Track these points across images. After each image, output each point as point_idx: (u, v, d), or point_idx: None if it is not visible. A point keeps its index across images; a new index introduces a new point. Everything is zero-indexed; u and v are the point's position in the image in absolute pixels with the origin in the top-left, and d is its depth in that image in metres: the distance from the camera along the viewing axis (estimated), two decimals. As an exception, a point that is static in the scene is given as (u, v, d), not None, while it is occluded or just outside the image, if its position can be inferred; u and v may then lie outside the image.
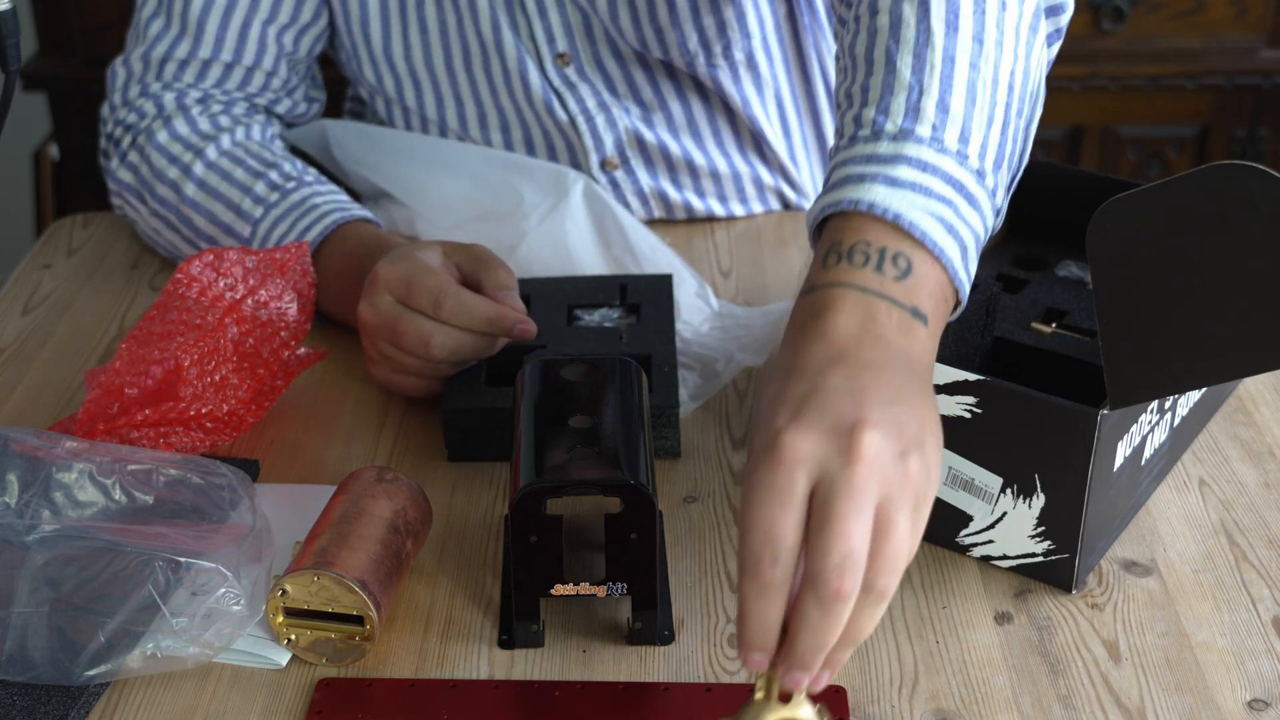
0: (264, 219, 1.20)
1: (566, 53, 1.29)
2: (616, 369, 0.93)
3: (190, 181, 1.23)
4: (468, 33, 1.28)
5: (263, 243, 1.20)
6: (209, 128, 1.26)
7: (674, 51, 1.27)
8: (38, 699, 0.82)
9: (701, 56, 1.28)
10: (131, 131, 1.28)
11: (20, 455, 0.91)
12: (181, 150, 1.25)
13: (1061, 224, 1.16)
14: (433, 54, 1.30)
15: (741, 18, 1.27)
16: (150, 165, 1.26)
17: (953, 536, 0.94)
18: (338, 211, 1.18)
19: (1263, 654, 0.87)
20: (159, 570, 0.83)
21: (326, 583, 0.84)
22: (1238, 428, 1.07)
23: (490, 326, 1.03)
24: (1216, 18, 2.14)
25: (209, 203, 1.22)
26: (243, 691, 0.85)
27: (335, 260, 1.16)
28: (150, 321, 1.05)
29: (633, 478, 0.83)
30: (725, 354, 1.13)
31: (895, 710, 0.83)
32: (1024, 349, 1.03)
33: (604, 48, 1.29)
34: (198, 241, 1.24)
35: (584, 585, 0.86)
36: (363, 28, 1.30)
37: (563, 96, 1.30)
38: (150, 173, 1.26)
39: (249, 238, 1.20)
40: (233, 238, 1.21)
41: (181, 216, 1.24)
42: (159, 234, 1.28)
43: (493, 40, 1.28)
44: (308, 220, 1.18)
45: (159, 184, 1.25)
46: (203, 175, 1.23)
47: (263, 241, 1.20)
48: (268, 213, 1.20)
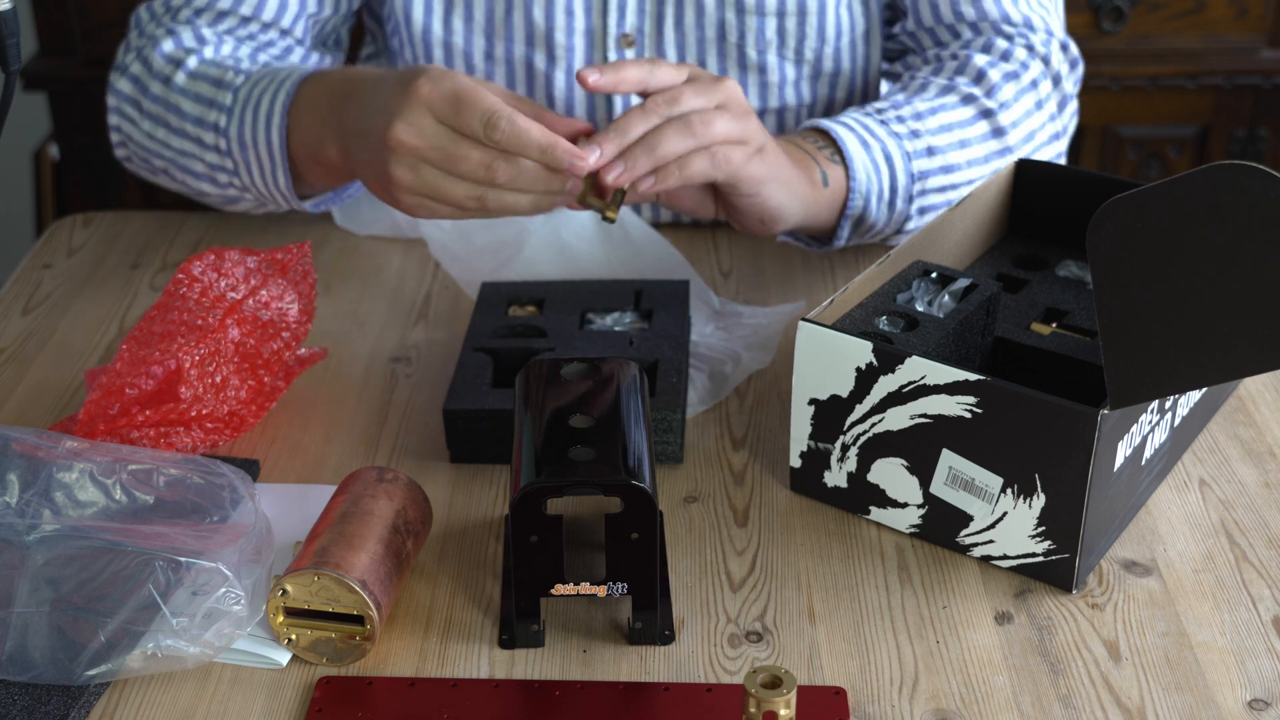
0: (244, 84, 1.19)
1: (633, 34, 1.28)
2: (617, 369, 0.93)
3: (182, 71, 1.23)
4: (515, 22, 1.28)
5: (244, 106, 1.18)
6: (212, 41, 1.26)
7: (750, 37, 1.28)
8: (38, 699, 0.82)
9: (775, 47, 1.29)
10: (139, 50, 1.28)
11: (21, 455, 0.91)
12: (181, 53, 1.25)
13: (1061, 224, 1.16)
14: (474, 41, 1.29)
15: (823, 16, 1.29)
16: (149, 67, 1.25)
17: (953, 536, 0.94)
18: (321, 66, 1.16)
19: (1263, 654, 0.87)
20: (159, 570, 0.83)
21: (327, 582, 0.84)
22: (1238, 428, 1.07)
23: (543, 156, 0.99)
24: (1216, 18, 2.14)
25: (195, 85, 1.22)
26: (243, 691, 0.85)
27: (321, 90, 1.13)
28: (150, 321, 1.05)
29: (633, 478, 0.83)
30: (733, 355, 1.13)
31: (895, 710, 0.83)
32: (1024, 349, 1.03)
33: (671, 32, 1.28)
34: (185, 127, 1.23)
35: (584, 585, 0.86)
36: (405, 7, 1.29)
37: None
38: (147, 73, 1.25)
39: (230, 105, 1.19)
40: (215, 109, 1.20)
41: (169, 105, 1.23)
42: (150, 138, 1.26)
43: (544, 28, 1.27)
44: (286, 72, 1.17)
45: (153, 81, 1.25)
46: (195, 67, 1.23)
47: (244, 104, 1.18)
48: (249, 78, 1.19)
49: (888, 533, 0.97)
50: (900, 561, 0.94)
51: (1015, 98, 1.25)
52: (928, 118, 1.22)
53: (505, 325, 1.11)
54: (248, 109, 1.19)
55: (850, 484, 0.97)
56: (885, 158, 1.19)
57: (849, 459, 0.96)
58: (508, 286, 1.17)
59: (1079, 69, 1.33)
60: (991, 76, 1.25)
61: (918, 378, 0.91)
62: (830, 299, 0.98)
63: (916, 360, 0.90)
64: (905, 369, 0.91)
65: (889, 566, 0.94)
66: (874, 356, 0.92)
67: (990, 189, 1.14)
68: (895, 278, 1.03)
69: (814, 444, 0.97)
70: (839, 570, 0.93)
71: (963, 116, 1.24)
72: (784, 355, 1.14)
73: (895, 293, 1.02)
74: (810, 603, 0.91)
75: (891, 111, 1.22)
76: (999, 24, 1.29)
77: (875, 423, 0.94)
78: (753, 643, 0.88)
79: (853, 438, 0.95)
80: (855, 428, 0.95)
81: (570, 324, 1.11)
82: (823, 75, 1.33)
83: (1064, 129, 1.31)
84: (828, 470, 0.97)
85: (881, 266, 1.02)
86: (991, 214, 1.16)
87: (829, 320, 0.97)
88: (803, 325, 0.95)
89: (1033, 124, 1.27)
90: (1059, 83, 1.30)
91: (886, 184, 1.20)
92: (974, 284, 1.03)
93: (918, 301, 1.02)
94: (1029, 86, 1.27)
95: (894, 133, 1.20)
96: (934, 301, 1.02)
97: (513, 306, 1.15)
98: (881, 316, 0.99)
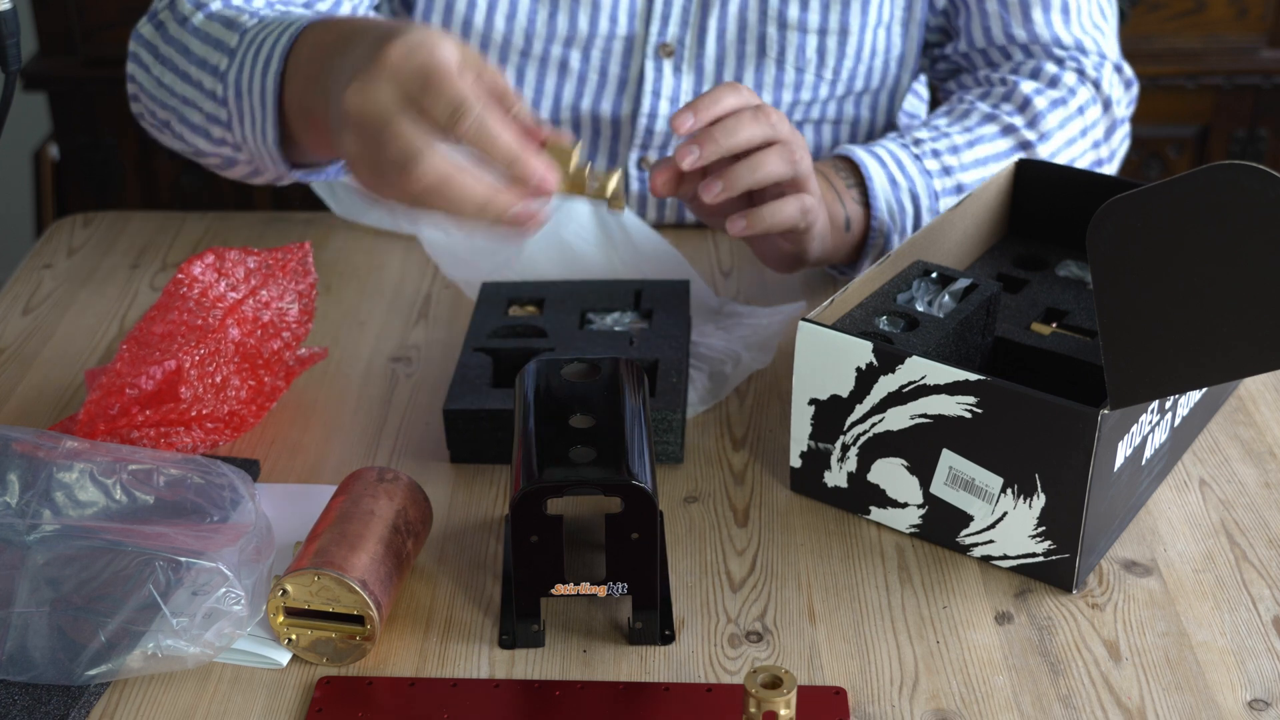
0: (254, 26, 1.09)
1: (673, 45, 1.28)
2: (617, 369, 0.93)
3: (201, 12, 1.15)
4: (559, 24, 1.27)
5: (247, 49, 1.09)
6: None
7: (790, 53, 1.28)
8: (38, 699, 0.82)
9: (814, 66, 1.29)
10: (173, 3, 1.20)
11: (21, 455, 0.91)
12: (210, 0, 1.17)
13: (1061, 224, 1.16)
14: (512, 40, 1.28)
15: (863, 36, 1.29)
16: (174, 9, 1.17)
17: (953, 536, 0.94)
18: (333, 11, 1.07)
19: (1263, 654, 0.87)
20: (159, 570, 0.83)
21: (327, 582, 0.84)
22: (1238, 428, 1.07)
23: (509, 164, 0.86)
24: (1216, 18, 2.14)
25: (209, 25, 1.13)
26: (243, 691, 0.85)
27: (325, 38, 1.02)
28: (150, 321, 1.05)
29: (633, 478, 0.83)
30: (733, 355, 1.13)
31: (895, 710, 0.83)
32: (1024, 349, 1.03)
33: (712, 45, 1.28)
34: (189, 70, 1.14)
35: (584, 585, 0.86)
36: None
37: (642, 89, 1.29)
38: (170, 16, 1.18)
39: (234, 48, 1.09)
40: (220, 52, 1.11)
41: (180, 45, 1.15)
42: (159, 83, 1.17)
43: (586, 33, 1.27)
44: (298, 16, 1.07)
45: (172, 23, 1.17)
46: (217, 8, 1.15)
47: (247, 48, 1.09)
48: (261, 21, 1.10)
49: (888, 533, 0.97)
50: (900, 561, 0.94)
51: (1059, 126, 1.26)
52: (964, 151, 1.23)
53: (505, 325, 1.11)
54: (249, 53, 1.08)
55: (850, 484, 0.97)
56: (911, 197, 1.20)
57: (849, 459, 0.96)
58: (508, 286, 1.17)
59: (1133, 90, 1.33)
60: (1036, 104, 1.25)
61: (918, 378, 0.91)
62: (830, 299, 0.98)
63: (917, 360, 0.90)
64: (905, 369, 0.91)
65: (889, 566, 0.94)
66: (874, 356, 0.92)
67: (990, 189, 1.14)
68: (895, 278, 1.03)
69: (814, 444, 0.97)
70: (839, 570, 0.93)
71: (999, 149, 1.24)
72: (784, 355, 1.14)
73: (895, 293, 1.02)
74: (810, 603, 0.91)
75: (929, 144, 1.23)
76: (1050, 47, 1.29)
77: (875, 423, 0.94)
78: (753, 643, 0.88)
79: (853, 438, 0.95)
80: (855, 428, 0.95)
81: (570, 324, 1.11)
82: (852, 93, 1.33)
83: (1110, 154, 1.31)
84: (828, 470, 0.97)
85: (881, 266, 1.02)
86: (991, 214, 1.16)
87: (829, 320, 0.97)
88: (803, 325, 0.95)
89: (1073, 152, 1.27)
90: (1109, 107, 1.30)
91: (910, 223, 1.21)
92: (974, 284, 1.03)
93: (918, 301, 1.02)
94: (1075, 114, 1.27)
95: (925, 170, 1.21)
96: (934, 301, 1.02)
97: (513, 306, 1.15)
98: (882, 316, 0.99)
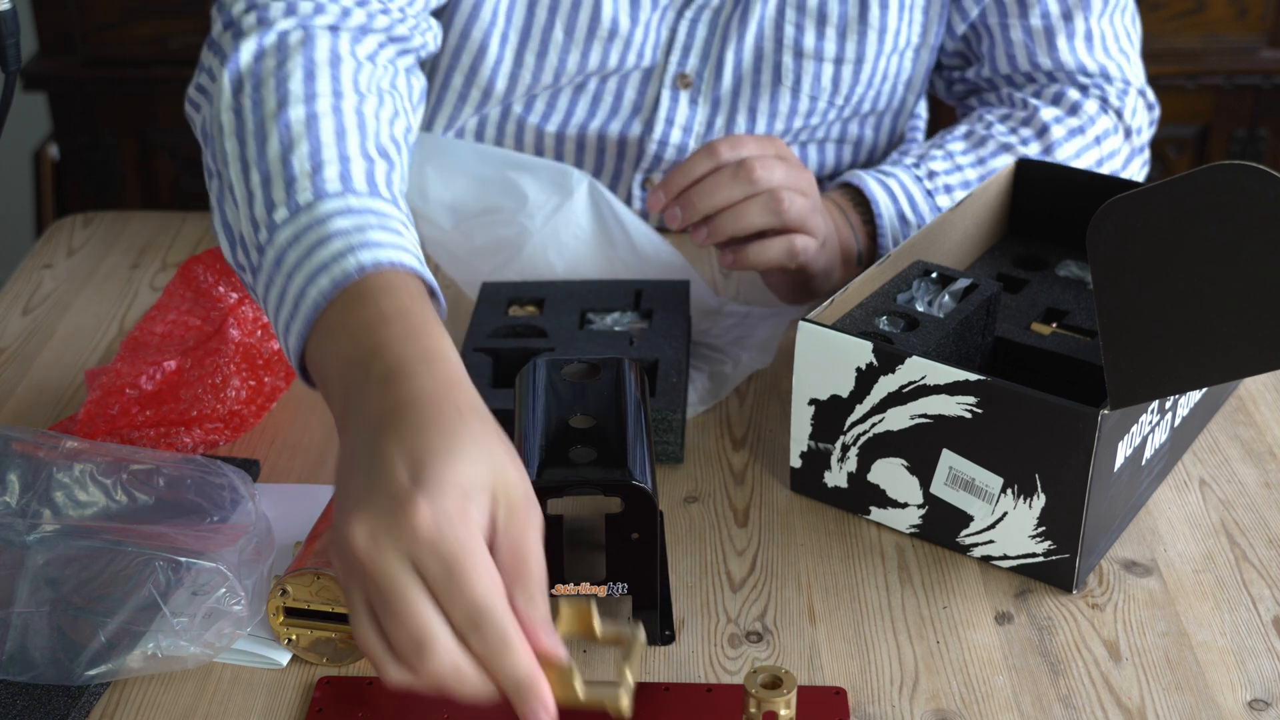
0: (302, 212, 0.85)
1: (691, 76, 1.28)
2: (617, 369, 0.93)
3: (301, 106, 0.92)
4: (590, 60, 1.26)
5: (283, 249, 0.84)
6: (350, 58, 0.97)
7: (805, 81, 1.27)
8: (38, 699, 0.82)
9: (827, 94, 1.29)
10: (259, 11, 1.00)
11: (21, 455, 0.91)
12: (323, 75, 0.94)
13: (1061, 224, 1.16)
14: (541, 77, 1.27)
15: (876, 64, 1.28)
16: (282, 65, 0.95)
17: (953, 536, 0.94)
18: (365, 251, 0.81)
19: (1263, 654, 0.87)
20: (159, 570, 0.83)
21: (327, 583, 0.84)
22: (1238, 428, 1.07)
23: (514, 690, 0.70)
24: (1216, 18, 2.14)
25: (300, 141, 0.89)
26: (243, 691, 0.85)
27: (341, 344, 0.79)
28: (150, 321, 1.05)
29: (633, 478, 0.83)
30: (733, 355, 1.13)
31: (895, 710, 0.83)
32: (1024, 349, 1.03)
33: (728, 74, 1.28)
34: (246, 188, 0.89)
35: (584, 585, 0.86)
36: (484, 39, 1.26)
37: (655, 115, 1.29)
38: (274, 64, 0.95)
39: (278, 223, 0.86)
40: (276, 199, 0.87)
41: (260, 132, 0.91)
42: (216, 155, 0.94)
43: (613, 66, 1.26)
44: (342, 243, 0.82)
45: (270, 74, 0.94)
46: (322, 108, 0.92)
47: (283, 247, 0.84)
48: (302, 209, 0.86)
49: (888, 533, 0.97)
50: (900, 561, 0.94)
51: (1075, 155, 1.26)
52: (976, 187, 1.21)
53: (505, 325, 1.11)
54: (284, 262, 0.84)
55: (850, 484, 0.97)
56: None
57: (849, 459, 0.96)
58: (508, 286, 1.17)
59: (1155, 112, 1.33)
60: (1054, 133, 1.25)
61: (918, 378, 0.91)
62: (830, 299, 0.98)
63: (917, 360, 0.90)
64: (905, 369, 0.91)
65: (889, 566, 0.94)
66: (874, 356, 0.92)
67: (990, 189, 1.14)
68: (895, 278, 1.03)
69: (814, 444, 0.97)
70: (839, 570, 0.93)
71: None
72: (784, 355, 1.14)
73: (895, 293, 1.02)
74: (810, 603, 0.91)
75: (942, 178, 1.23)
76: (1074, 74, 1.29)
77: (875, 423, 0.94)
78: (753, 643, 0.88)
79: (853, 438, 0.95)
80: (855, 428, 0.95)
81: (570, 324, 1.11)
82: (858, 115, 1.33)
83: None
84: (828, 470, 0.97)
85: (881, 266, 1.02)
86: (991, 214, 1.16)
87: (829, 320, 0.97)
88: (803, 325, 0.95)
89: None
90: (1131, 135, 1.29)
91: None
92: (974, 284, 1.03)
93: (918, 301, 1.02)
94: (1091, 144, 1.27)
95: (936, 207, 1.21)
96: (934, 301, 1.02)
97: (513, 306, 1.15)
98: (882, 316, 0.99)
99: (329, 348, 0.79)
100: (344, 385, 0.77)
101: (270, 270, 0.84)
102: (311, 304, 0.80)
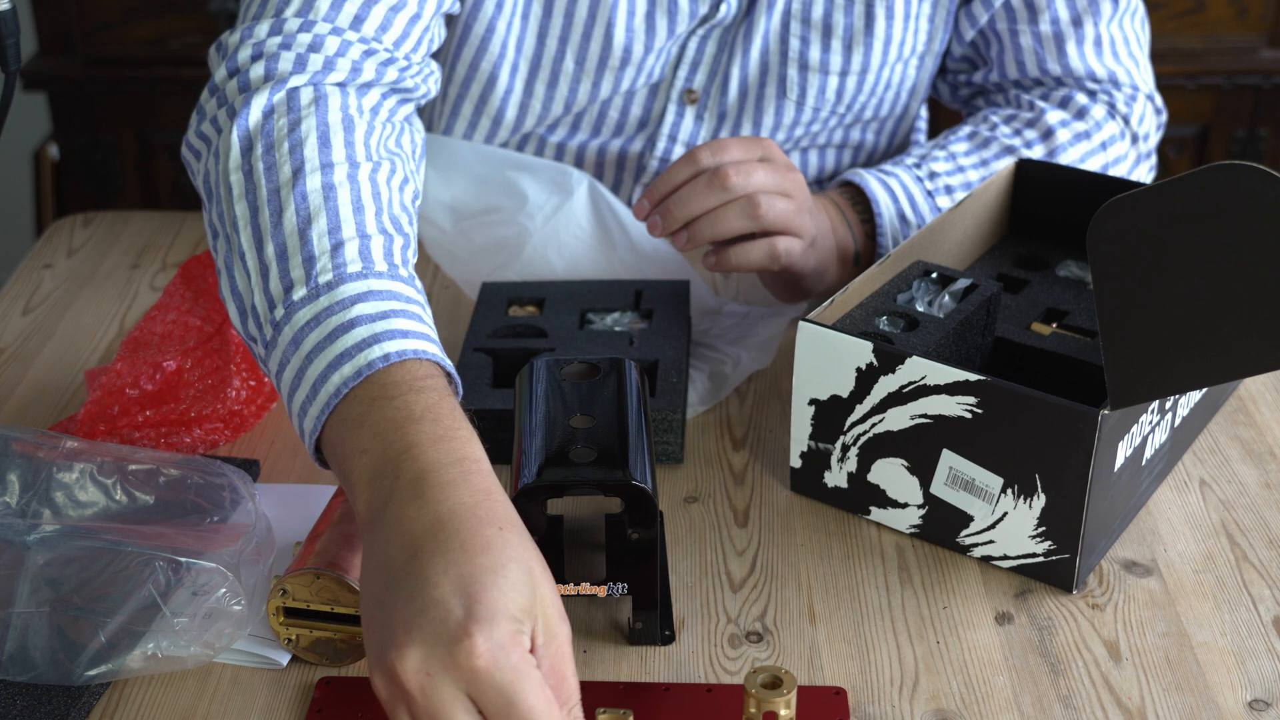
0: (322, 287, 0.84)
1: (698, 91, 1.28)
2: (617, 369, 0.93)
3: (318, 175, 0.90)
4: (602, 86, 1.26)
5: (303, 328, 0.83)
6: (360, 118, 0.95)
7: (810, 93, 1.27)
8: (38, 699, 0.82)
9: (831, 105, 1.29)
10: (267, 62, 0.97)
11: (21, 455, 0.91)
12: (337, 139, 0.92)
13: (1061, 224, 1.16)
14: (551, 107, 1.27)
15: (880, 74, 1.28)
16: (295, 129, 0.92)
17: (953, 536, 0.94)
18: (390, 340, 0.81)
19: (1263, 654, 0.87)
20: (159, 570, 0.83)
21: (327, 583, 0.84)
22: (1238, 428, 1.07)
23: None
24: (1216, 18, 2.14)
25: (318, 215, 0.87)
26: (243, 691, 0.85)
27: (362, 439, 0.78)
28: (150, 321, 1.05)
29: (633, 478, 0.83)
30: (733, 355, 1.13)
31: (895, 710, 0.83)
32: (1024, 349, 1.03)
33: (734, 89, 1.27)
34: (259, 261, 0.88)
35: (584, 585, 0.86)
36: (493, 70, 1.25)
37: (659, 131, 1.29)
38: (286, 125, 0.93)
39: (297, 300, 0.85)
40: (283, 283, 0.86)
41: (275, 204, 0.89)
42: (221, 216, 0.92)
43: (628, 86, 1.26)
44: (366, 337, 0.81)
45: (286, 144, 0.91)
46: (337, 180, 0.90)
47: (304, 326, 0.83)
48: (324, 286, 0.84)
49: (888, 533, 0.97)
50: (900, 562, 0.94)
51: (1079, 160, 1.25)
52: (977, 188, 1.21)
53: (505, 325, 1.11)
54: (302, 343, 0.83)
55: (850, 484, 0.97)
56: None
57: (849, 459, 0.96)
58: (508, 286, 1.17)
59: (1162, 117, 1.32)
60: (1059, 136, 1.25)
61: (918, 378, 0.91)
62: (830, 299, 0.98)
63: (917, 360, 0.90)
64: (905, 369, 0.91)
65: (889, 567, 0.94)
66: (874, 356, 0.92)
67: (990, 189, 1.14)
68: (895, 278, 1.03)
69: (814, 444, 0.97)
70: (839, 570, 0.93)
71: None
72: (784, 355, 1.14)
73: (895, 293, 1.02)
74: (810, 603, 0.91)
75: (943, 179, 1.22)
76: (1083, 80, 1.28)
77: (875, 423, 0.94)
78: (753, 643, 0.88)
79: (853, 438, 0.95)
80: (855, 428, 0.95)
81: (570, 324, 1.11)
82: (860, 121, 1.33)
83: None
84: (828, 470, 0.97)
85: (881, 266, 1.02)
86: (991, 214, 1.16)
87: (829, 320, 0.97)
88: (803, 325, 0.95)
89: None
90: (1137, 141, 1.29)
91: None
92: (974, 284, 1.03)
93: (918, 301, 1.02)
94: (1097, 149, 1.26)
95: (936, 207, 1.21)
96: (934, 301, 1.02)
97: (513, 306, 1.15)
98: (882, 316, 0.99)
99: (353, 443, 0.79)
100: (371, 485, 0.77)
101: (286, 349, 0.84)
102: (333, 390, 0.80)
